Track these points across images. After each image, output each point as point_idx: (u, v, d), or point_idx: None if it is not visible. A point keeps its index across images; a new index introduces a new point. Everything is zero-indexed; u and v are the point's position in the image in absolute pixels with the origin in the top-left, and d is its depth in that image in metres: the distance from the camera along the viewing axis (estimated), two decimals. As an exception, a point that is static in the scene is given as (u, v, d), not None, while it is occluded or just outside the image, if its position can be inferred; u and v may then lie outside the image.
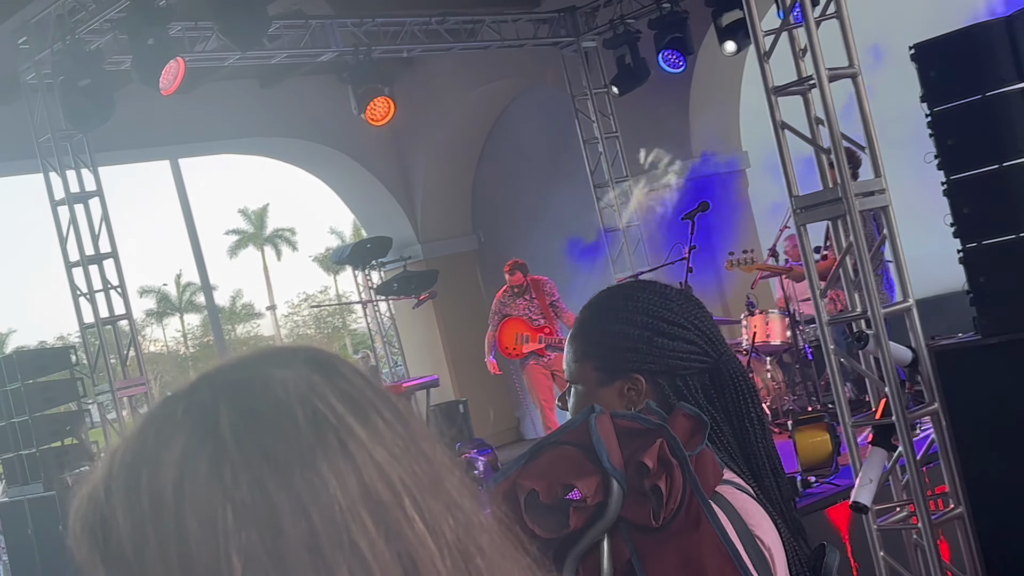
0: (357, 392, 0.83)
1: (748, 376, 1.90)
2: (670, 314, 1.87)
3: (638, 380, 1.85)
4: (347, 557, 0.75)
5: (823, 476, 6.96)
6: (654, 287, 1.97)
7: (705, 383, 1.85)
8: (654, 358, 1.85)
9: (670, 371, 1.84)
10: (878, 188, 5.59)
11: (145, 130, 12.96)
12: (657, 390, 1.84)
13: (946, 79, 4.85)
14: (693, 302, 1.93)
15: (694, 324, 1.87)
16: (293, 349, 0.86)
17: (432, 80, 14.60)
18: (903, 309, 5.64)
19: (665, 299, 1.90)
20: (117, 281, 9.41)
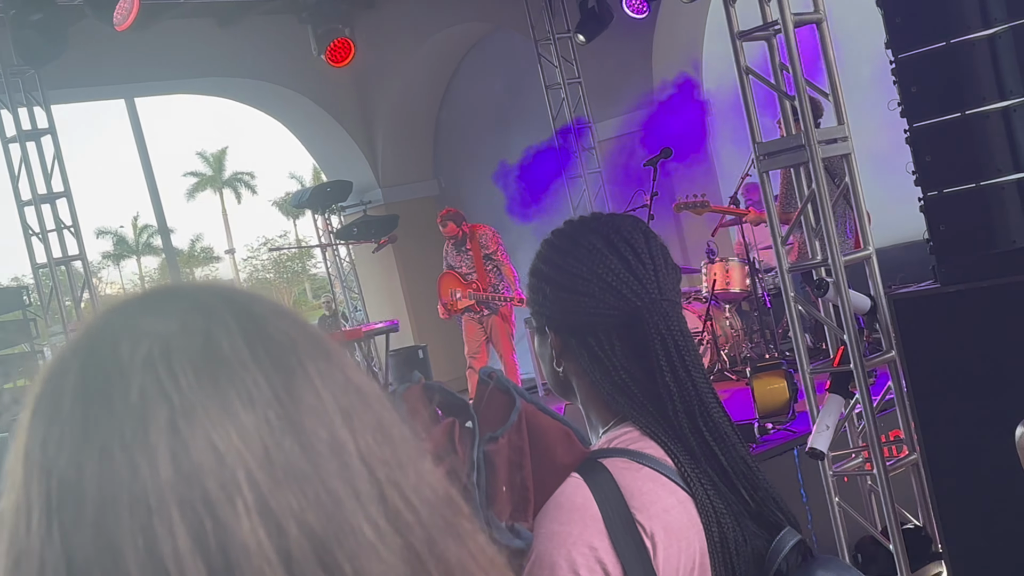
0: (262, 345, 0.70)
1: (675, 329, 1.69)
2: (573, 263, 1.70)
3: (551, 335, 1.73)
4: (141, 561, 0.64)
5: (780, 423, 7.01)
6: (578, 227, 1.77)
7: (620, 339, 1.68)
8: (555, 313, 1.72)
9: (574, 328, 1.70)
10: (841, 136, 5.57)
11: (100, 67, 12.69)
12: (567, 346, 1.71)
13: (912, 25, 4.80)
14: (618, 242, 1.72)
15: (597, 274, 1.68)
16: (194, 290, 0.75)
17: (393, 22, 14.40)
18: (863, 257, 5.65)
19: (576, 244, 1.72)
20: (71, 221, 9.26)
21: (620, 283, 1.69)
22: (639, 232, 1.77)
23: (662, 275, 1.73)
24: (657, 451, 1.65)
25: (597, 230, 1.76)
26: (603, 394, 1.70)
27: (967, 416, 4.82)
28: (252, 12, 13.50)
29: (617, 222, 1.79)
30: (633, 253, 1.72)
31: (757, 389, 7.18)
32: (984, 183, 4.74)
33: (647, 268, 1.71)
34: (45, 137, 9.24)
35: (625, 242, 1.73)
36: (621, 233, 1.75)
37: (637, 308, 1.68)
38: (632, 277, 1.70)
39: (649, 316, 1.68)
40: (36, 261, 9.17)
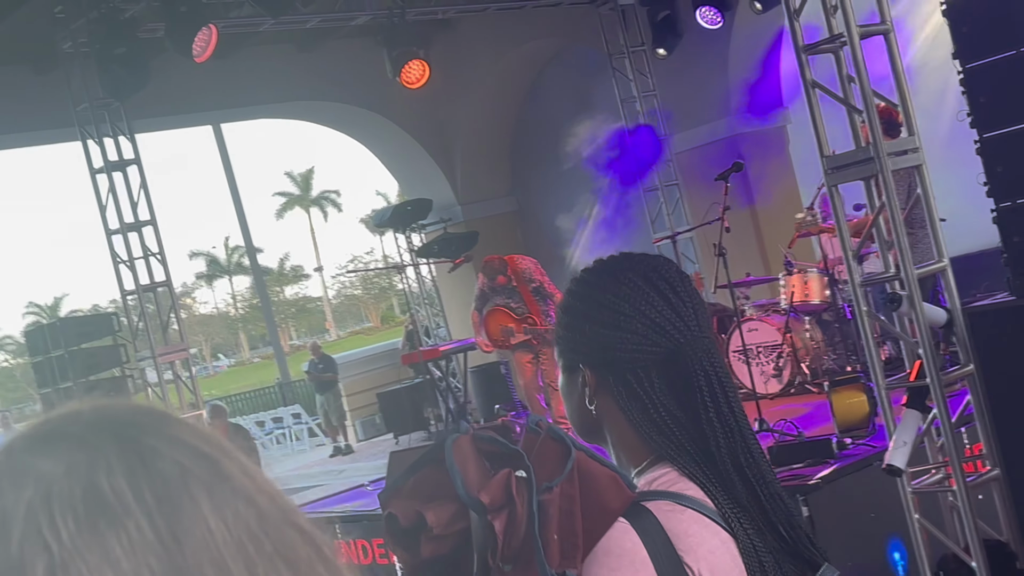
0: (148, 484, 0.67)
1: (717, 366, 1.69)
2: (614, 300, 1.71)
3: (586, 373, 1.73)
4: None
5: (860, 437, 6.90)
6: (614, 265, 1.78)
7: (660, 376, 1.68)
8: (593, 350, 1.72)
9: (613, 364, 1.70)
10: (911, 147, 5.49)
11: (185, 96, 13.03)
12: (603, 384, 1.71)
13: (979, 35, 4.73)
14: (657, 280, 1.73)
15: (641, 311, 1.69)
16: (85, 425, 0.71)
17: (469, 41, 14.53)
18: (937, 269, 5.56)
19: (616, 281, 1.73)
20: (157, 248, 9.50)
21: (664, 320, 1.69)
22: (675, 271, 1.79)
23: (700, 314, 1.75)
24: (697, 492, 1.66)
25: (635, 268, 1.77)
26: (640, 433, 1.70)
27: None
28: (331, 37, 13.73)
29: (653, 261, 1.80)
30: (673, 291, 1.73)
31: (836, 403, 7.08)
32: (1058, 193, 4.64)
33: (687, 306, 1.72)
34: (131, 167, 9.51)
35: (665, 280, 1.75)
36: (660, 272, 1.76)
37: (680, 345, 1.69)
38: (674, 314, 1.71)
39: (693, 353, 1.68)
40: (124, 288, 9.44)
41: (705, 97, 12.67)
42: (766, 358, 9.53)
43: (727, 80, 12.71)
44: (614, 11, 12.65)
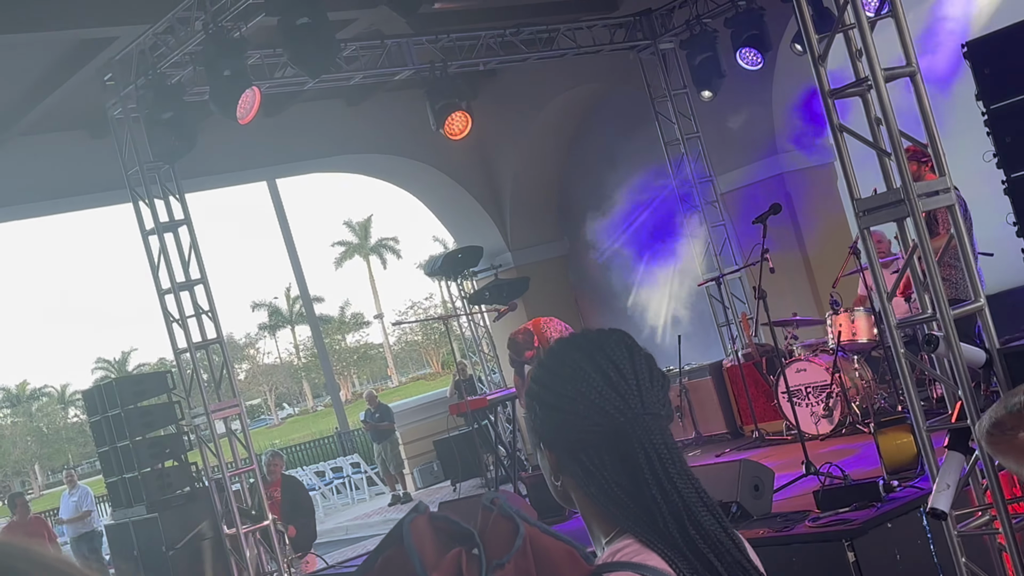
0: None
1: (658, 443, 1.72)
2: (559, 383, 1.75)
3: (546, 452, 1.77)
4: None
5: (908, 479, 6.82)
6: (561, 348, 1.81)
7: (608, 454, 1.72)
8: (546, 431, 1.77)
9: (564, 445, 1.75)
10: (942, 188, 5.47)
11: (236, 155, 13.31)
12: (561, 463, 1.76)
13: (1001, 76, 4.72)
14: (600, 360, 1.75)
15: (581, 392, 1.73)
16: None
17: (513, 90, 14.69)
18: (975, 309, 5.51)
19: (561, 364, 1.77)
20: (208, 306, 9.68)
21: (603, 400, 1.73)
22: (623, 348, 1.83)
23: (645, 389, 1.78)
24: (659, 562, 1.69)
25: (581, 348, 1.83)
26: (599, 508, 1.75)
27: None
28: (378, 90, 13.95)
29: (601, 339, 1.84)
30: (615, 370, 1.77)
31: (883, 444, 7.01)
32: (1090, 230, 4.60)
33: (629, 384, 1.76)
34: (181, 227, 9.72)
35: (608, 359, 1.79)
36: (604, 350, 1.81)
37: (621, 424, 1.73)
38: (614, 394, 1.74)
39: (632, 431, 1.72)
40: (178, 346, 9.62)
41: (749, 137, 12.67)
42: (816, 398, 9.45)
43: (771, 119, 12.70)
44: (654, 55, 12.72)
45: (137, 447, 9.75)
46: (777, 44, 12.00)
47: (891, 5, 5.48)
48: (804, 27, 5.58)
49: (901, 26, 5.49)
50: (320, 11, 8.10)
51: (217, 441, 9.47)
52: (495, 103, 14.57)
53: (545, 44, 12.20)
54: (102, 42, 9.72)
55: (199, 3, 8.83)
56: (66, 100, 10.89)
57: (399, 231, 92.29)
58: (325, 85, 11.35)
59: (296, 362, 75.55)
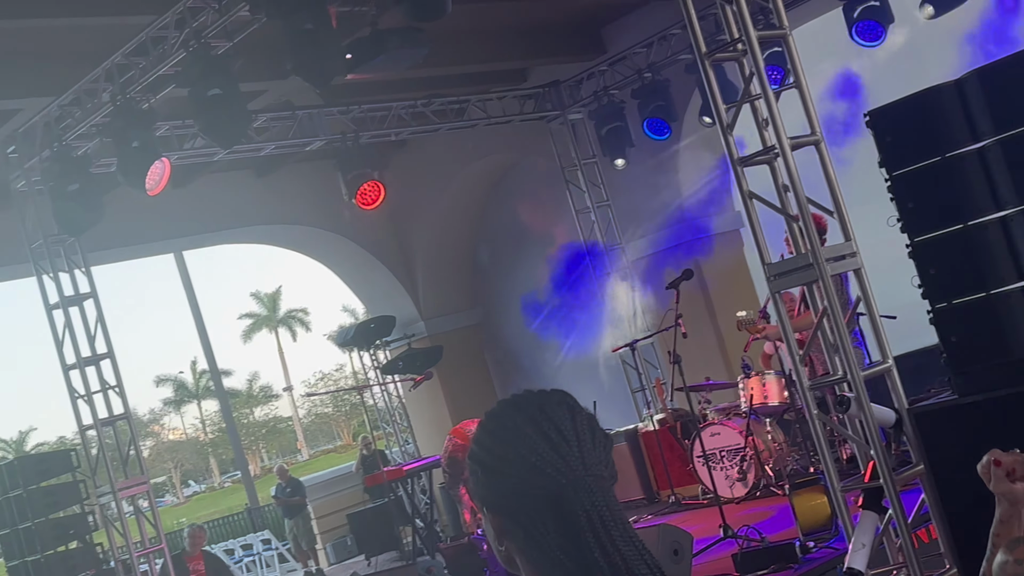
0: None
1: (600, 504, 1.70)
2: (499, 446, 1.73)
3: (489, 516, 1.75)
4: None
5: (823, 540, 6.90)
6: (502, 410, 1.79)
7: (551, 517, 1.69)
8: (488, 495, 1.75)
9: (506, 508, 1.73)
10: (848, 252, 5.62)
11: (143, 227, 13.10)
12: (504, 526, 1.73)
13: (903, 143, 4.89)
14: (541, 421, 1.73)
15: (522, 455, 1.70)
16: None
17: (425, 160, 14.76)
18: (883, 370, 5.63)
19: (502, 427, 1.75)
20: (115, 381, 9.46)
21: (544, 463, 1.71)
22: (564, 408, 1.81)
23: (587, 451, 1.76)
24: None
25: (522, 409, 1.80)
26: (543, 571, 1.73)
27: (1000, 527, 4.75)
28: (288, 161, 13.90)
29: (542, 400, 1.82)
30: (557, 431, 1.74)
31: (798, 506, 7.09)
32: (991, 292, 4.75)
33: (571, 445, 1.74)
34: (87, 301, 9.51)
35: (549, 420, 1.77)
36: (545, 411, 1.79)
37: (562, 486, 1.70)
38: (555, 455, 1.72)
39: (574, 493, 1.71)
40: (83, 423, 9.36)
41: (658, 205, 12.87)
42: (730, 462, 9.53)
43: (679, 187, 12.93)
44: (564, 125, 12.92)
45: (40, 528, 9.43)
46: (683, 114, 12.27)
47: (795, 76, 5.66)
48: (712, 98, 5.72)
49: (805, 96, 5.67)
50: (231, 82, 8.06)
51: (124, 520, 9.20)
52: (407, 173, 14.62)
53: (456, 115, 12.32)
54: (5, 114, 9.55)
55: (107, 75, 8.74)
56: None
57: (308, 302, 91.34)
58: (235, 156, 11.29)
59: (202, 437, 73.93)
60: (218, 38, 8.01)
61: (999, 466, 2.06)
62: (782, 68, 8.47)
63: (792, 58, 5.70)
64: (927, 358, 8.04)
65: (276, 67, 9.32)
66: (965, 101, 4.66)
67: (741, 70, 5.87)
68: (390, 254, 15.77)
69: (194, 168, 12.47)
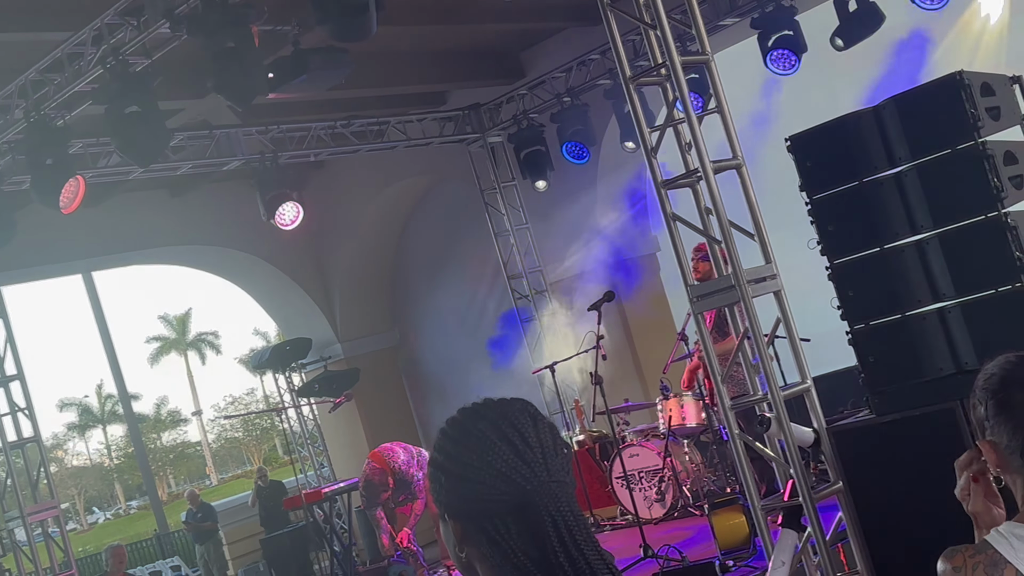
0: None
1: (565, 510, 1.72)
2: (463, 452, 1.74)
3: (451, 523, 1.76)
4: None
5: (742, 558, 7.00)
6: (465, 416, 1.80)
7: (515, 523, 1.71)
8: (451, 501, 1.75)
9: (469, 514, 1.73)
10: (769, 274, 5.73)
11: (53, 246, 12.81)
12: (467, 532, 1.74)
13: (822, 168, 5.01)
14: (505, 428, 1.75)
15: (487, 461, 1.72)
16: None
17: (344, 181, 14.69)
18: (802, 391, 5.74)
19: (466, 433, 1.76)
20: (24, 403, 9.23)
21: (509, 469, 1.72)
22: (527, 416, 1.83)
23: (550, 457, 1.78)
24: None
25: (486, 416, 1.82)
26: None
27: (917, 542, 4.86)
28: (204, 181, 13.72)
29: (505, 408, 1.83)
30: (521, 438, 1.76)
31: (717, 526, 7.19)
32: (907, 314, 4.88)
33: (535, 452, 1.76)
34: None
35: (513, 428, 1.78)
36: (509, 419, 1.80)
37: (527, 492, 1.72)
38: (520, 462, 1.74)
39: (539, 499, 1.72)
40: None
41: (577, 228, 12.98)
42: (648, 483, 9.62)
43: (595, 211, 13.05)
44: (483, 148, 12.97)
45: (-56, 556, 9.14)
46: (601, 138, 12.41)
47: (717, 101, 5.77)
48: (637, 121, 5.80)
49: (726, 120, 5.78)
50: (150, 100, 7.95)
51: (33, 545, 8.95)
52: (326, 194, 14.54)
53: (375, 136, 12.29)
54: (-89, 128, 9.28)
55: (20, 91, 8.55)
56: None
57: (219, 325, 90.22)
58: (150, 175, 11.10)
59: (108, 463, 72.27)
60: (136, 55, 7.89)
61: (978, 483, 2.04)
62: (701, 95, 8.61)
63: (714, 83, 5.82)
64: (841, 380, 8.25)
65: (195, 85, 9.23)
66: (883, 127, 4.80)
67: (664, 95, 5.97)
68: (307, 275, 15.64)
69: (108, 187, 12.24)
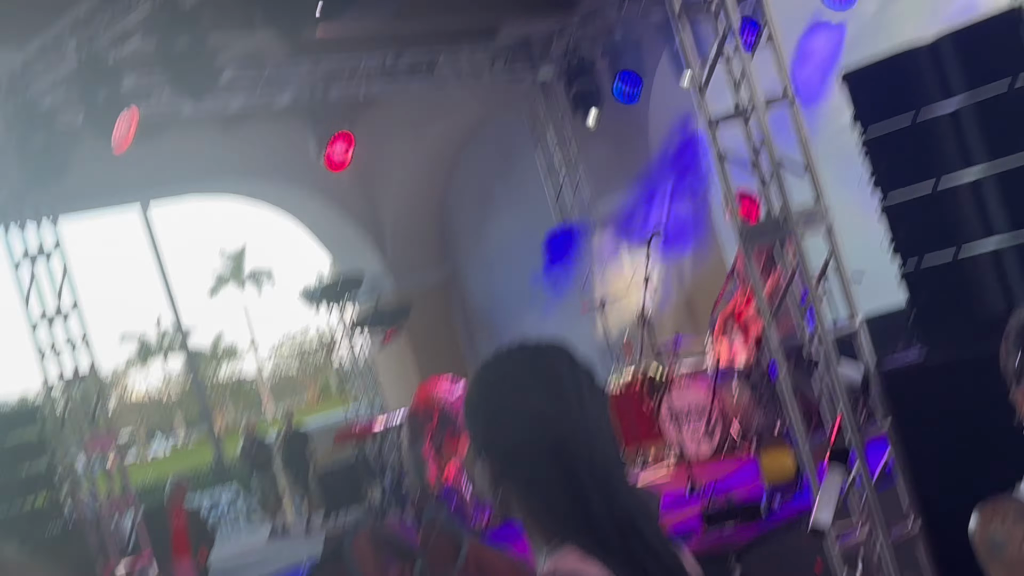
0: None
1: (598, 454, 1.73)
2: (498, 394, 1.75)
3: (486, 463, 1.77)
4: None
5: (789, 496, 6.99)
6: (501, 358, 1.80)
7: (550, 465, 1.71)
8: (486, 442, 1.76)
9: (504, 455, 1.74)
10: (819, 212, 5.65)
11: (110, 180, 12.93)
12: (502, 472, 1.75)
13: (876, 104, 4.91)
14: (540, 371, 1.75)
15: (521, 403, 1.73)
16: None
17: (394, 117, 14.66)
18: (852, 330, 5.69)
19: (501, 375, 1.77)
20: (82, 336, 9.38)
21: (545, 413, 1.72)
22: (564, 359, 1.82)
23: (586, 401, 1.78)
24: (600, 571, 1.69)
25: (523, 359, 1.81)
26: (541, 518, 1.74)
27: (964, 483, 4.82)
28: (256, 115, 13.75)
29: (542, 351, 1.83)
30: (557, 381, 1.76)
31: (764, 463, 7.19)
32: (961, 253, 4.80)
33: (570, 395, 1.75)
34: (53, 255, 9.41)
35: (548, 370, 1.78)
36: (545, 361, 1.80)
37: (562, 434, 1.72)
38: (557, 406, 1.73)
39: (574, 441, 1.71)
40: (50, 378, 9.29)
41: (627, 164, 12.88)
42: (696, 420, 9.62)
43: (648, 145, 12.94)
44: (534, 84, 12.87)
45: (6, 486, 9.36)
46: (652, 74, 12.25)
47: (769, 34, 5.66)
48: (686, 57, 5.71)
49: (779, 54, 5.67)
50: (200, 34, 7.97)
51: (92, 477, 9.16)
52: (377, 129, 14.51)
53: (426, 72, 12.22)
54: (-33, 65, 9.38)
55: (71, 27, 8.59)
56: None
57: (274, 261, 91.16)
58: (202, 110, 11.15)
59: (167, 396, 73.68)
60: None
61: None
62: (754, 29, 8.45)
63: (767, 16, 5.71)
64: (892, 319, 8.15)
65: (246, 19, 9.21)
66: (939, 62, 4.68)
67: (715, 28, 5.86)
68: (359, 211, 15.70)
69: (161, 122, 12.32)
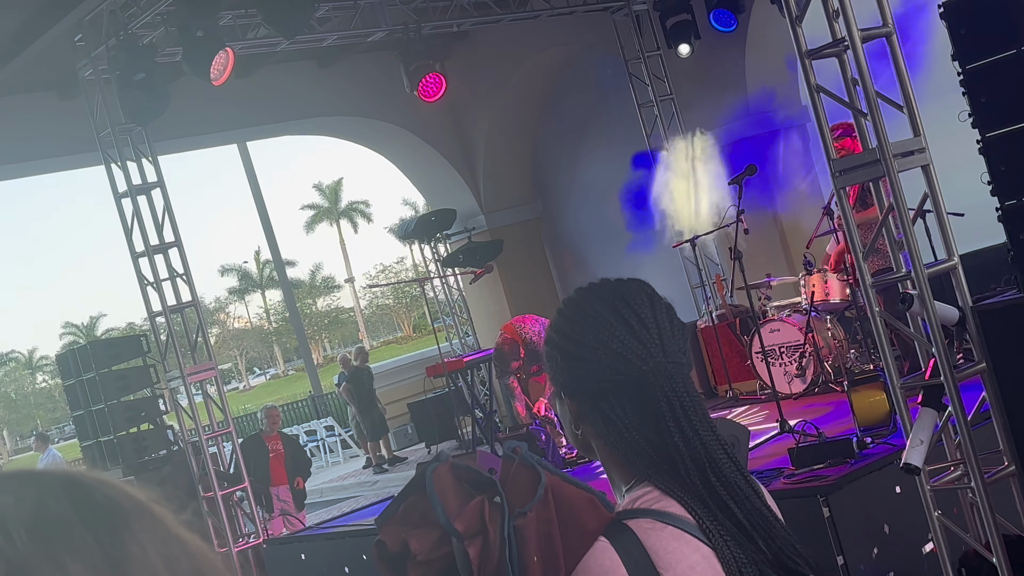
0: (88, 507, 0.79)
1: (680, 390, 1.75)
2: (580, 332, 1.77)
3: (568, 401, 1.79)
4: None
5: (880, 436, 6.92)
6: (583, 297, 1.83)
7: (630, 402, 1.73)
8: (568, 380, 1.78)
9: (586, 393, 1.76)
10: (917, 148, 5.52)
11: (208, 117, 13.21)
12: (583, 410, 1.77)
13: (977, 37, 4.76)
14: (622, 308, 1.77)
15: (603, 341, 1.74)
16: (29, 471, 0.84)
17: (487, 51, 14.63)
18: (947, 268, 5.57)
19: (583, 313, 1.79)
20: (183, 268, 9.65)
21: (625, 349, 1.73)
22: (644, 296, 1.83)
23: (667, 338, 1.78)
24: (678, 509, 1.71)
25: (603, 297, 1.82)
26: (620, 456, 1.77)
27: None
28: (350, 52, 13.86)
29: (622, 288, 1.83)
30: (637, 319, 1.77)
31: (856, 402, 7.10)
32: (1062, 189, 4.67)
33: (651, 333, 1.77)
34: (155, 190, 9.66)
35: (629, 308, 1.79)
36: (625, 299, 1.80)
37: (643, 372, 1.73)
38: (637, 343, 1.74)
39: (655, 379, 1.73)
40: (152, 309, 9.59)
41: (722, 99, 12.69)
42: (789, 358, 9.55)
43: (744, 81, 12.73)
44: (628, 16, 12.70)
45: (112, 411, 9.73)
46: (750, 5, 12.00)
47: (868, -35, 5.50)
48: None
49: (877, -14, 5.52)
50: (294, -29, 8.04)
51: (193, 404, 9.47)
52: (468, 65, 14.51)
53: (519, 5, 12.15)
54: (72, 2, 9.59)
55: (170, -37, 8.74)
56: (35, 61, 10.75)
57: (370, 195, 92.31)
58: (297, 46, 11.26)
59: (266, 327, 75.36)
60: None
61: None
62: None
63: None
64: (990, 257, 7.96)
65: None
66: (1045, -8, 4.52)
67: (812, -41, 5.72)
68: (451, 147, 15.76)
69: (256, 59, 12.49)
